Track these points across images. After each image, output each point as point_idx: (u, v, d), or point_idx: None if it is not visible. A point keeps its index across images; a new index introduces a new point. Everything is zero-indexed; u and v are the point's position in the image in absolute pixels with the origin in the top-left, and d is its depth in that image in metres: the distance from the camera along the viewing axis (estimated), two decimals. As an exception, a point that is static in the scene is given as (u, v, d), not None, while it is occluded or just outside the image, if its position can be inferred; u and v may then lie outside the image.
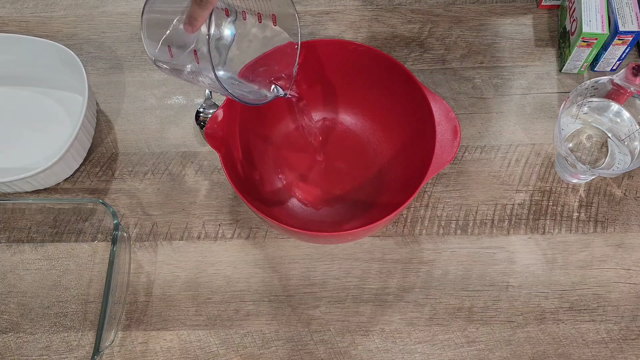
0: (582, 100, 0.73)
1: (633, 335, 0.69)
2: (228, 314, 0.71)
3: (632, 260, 0.72)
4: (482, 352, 0.68)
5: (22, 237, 0.75)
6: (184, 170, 0.78)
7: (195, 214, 0.76)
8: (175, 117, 0.82)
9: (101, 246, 0.74)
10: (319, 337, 0.69)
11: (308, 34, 0.87)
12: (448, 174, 0.77)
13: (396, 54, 0.85)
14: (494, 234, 0.74)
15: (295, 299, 0.71)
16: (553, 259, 0.72)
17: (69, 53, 0.77)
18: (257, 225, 0.75)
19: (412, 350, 0.69)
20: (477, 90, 0.82)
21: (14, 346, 0.70)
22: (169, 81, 0.84)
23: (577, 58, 0.80)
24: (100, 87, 0.84)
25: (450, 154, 0.64)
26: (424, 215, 0.75)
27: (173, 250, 0.74)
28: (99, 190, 0.77)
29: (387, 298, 0.71)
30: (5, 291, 0.72)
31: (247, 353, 0.69)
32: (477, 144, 0.79)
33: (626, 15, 0.76)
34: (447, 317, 0.70)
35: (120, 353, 0.69)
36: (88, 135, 0.78)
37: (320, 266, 0.73)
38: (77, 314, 0.71)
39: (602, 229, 0.74)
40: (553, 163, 0.78)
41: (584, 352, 0.68)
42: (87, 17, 0.90)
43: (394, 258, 0.73)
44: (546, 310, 0.70)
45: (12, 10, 0.91)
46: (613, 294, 0.71)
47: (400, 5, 0.89)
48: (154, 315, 0.71)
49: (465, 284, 0.71)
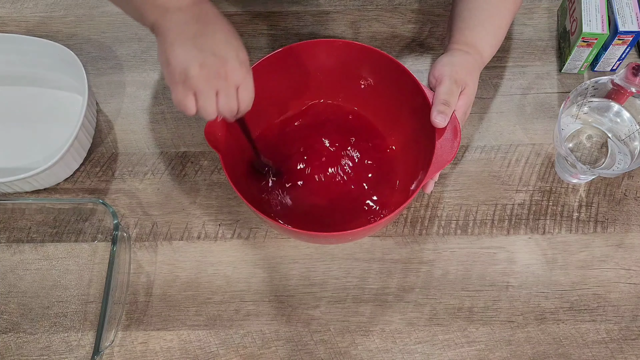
0: (582, 100, 0.73)
1: (633, 335, 0.69)
2: (228, 314, 0.71)
3: (632, 260, 0.72)
4: (482, 352, 0.68)
5: (22, 237, 0.75)
6: (184, 170, 0.78)
7: (195, 214, 0.76)
8: (175, 117, 0.82)
9: (101, 246, 0.74)
10: (319, 337, 0.69)
11: (308, 33, 0.87)
12: (448, 174, 0.77)
13: (396, 54, 0.85)
14: (494, 234, 0.74)
15: (295, 299, 0.71)
16: (553, 259, 0.72)
17: (69, 53, 0.77)
18: (257, 225, 0.75)
19: (412, 350, 0.69)
20: (477, 90, 0.82)
21: (14, 346, 0.70)
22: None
23: (577, 58, 0.80)
24: (100, 87, 0.84)
25: (450, 154, 0.64)
26: (424, 215, 0.75)
27: (173, 250, 0.74)
28: (99, 190, 0.77)
29: (387, 298, 0.71)
30: (5, 291, 0.72)
31: (247, 353, 0.69)
32: (477, 144, 0.79)
33: (626, 15, 0.76)
34: (447, 317, 0.70)
35: (120, 353, 0.69)
36: (88, 135, 0.78)
37: (320, 266, 0.73)
38: (77, 314, 0.71)
39: (602, 229, 0.74)
40: (553, 163, 0.78)
41: (584, 352, 0.68)
42: (87, 17, 0.90)
43: (394, 258, 0.73)
44: (546, 310, 0.70)
45: (12, 10, 0.91)
46: (613, 294, 0.71)
47: (400, 5, 0.89)
48: (154, 315, 0.71)
49: (465, 284, 0.71)
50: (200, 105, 0.57)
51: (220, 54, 0.56)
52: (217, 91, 0.57)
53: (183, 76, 0.56)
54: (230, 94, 0.58)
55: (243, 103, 0.59)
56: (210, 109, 0.57)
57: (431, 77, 0.68)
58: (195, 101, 0.57)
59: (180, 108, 0.58)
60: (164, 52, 0.57)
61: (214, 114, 0.58)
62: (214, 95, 0.57)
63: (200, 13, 0.58)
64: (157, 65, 0.85)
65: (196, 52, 0.56)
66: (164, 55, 0.57)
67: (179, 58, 0.56)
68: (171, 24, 0.57)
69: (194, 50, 0.56)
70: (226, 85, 0.57)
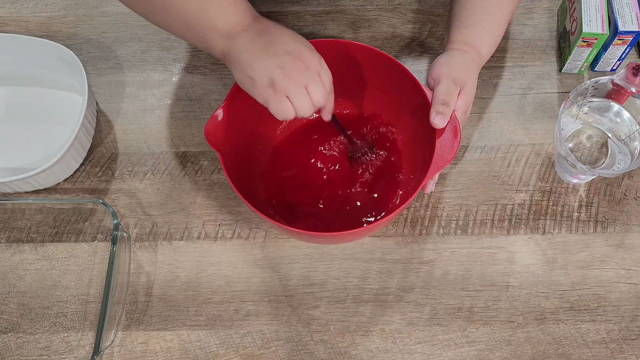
0: (582, 100, 0.73)
1: (633, 335, 0.69)
2: (228, 314, 0.71)
3: (632, 260, 0.72)
4: (482, 352, 0.68)
5: (22, 237, 0.75)
6: (184, 170, 0.78)
7: (195, 214, 0.76)
8: (175, 117, 0.82)
9: (101, 246, 0.74)
10: (319, 337, 0.69)
11: (308, 33, 0.87)
12: (448, 174, 0.77)
13: (396, 54, 0.85)
14: (494, 234, 0.74)
15: (295, 299, 0.71)
16: (553, 259, 0.72)
17: (69, 53, 0.77)
18: (257, 225, 0.75)
19: (412, 350, 0.69)
20: (477, 90, 0.82)
21: (14, 346, 0.70)
22: (168, 81, 0.84)
23: (577, 58, 0.80)
24: (100, 87, 0.84)
25: (450, 154, 0.64)
26: (424, 215, 0.75)
27: (173, 250, 0.74)
28: (99, 190, 0.77)
29: (387, 298, 0.71)
30: (5, 291, 0.72)
31: (247, 353, 0.69)
32: (477, 144, 0.79)
33: (626, 15, 0.76)
34: (447, 317, 0.70)
35: (120, 353, 0.69)
36: (88, 135, 0.78)
37: (320, 266, 0.73)
38: (77, 314, 0.71)
39: (602, 229, 0.74)
40: (553, 163, 0.78)
41: (584, 352, 0.68)
42: (87, 17, 0.90)
43: (394, 258, 0.73)
44: (546, 310, 0.70)
45: (12, 10, 0.91)
46: (613, 294, 0.71)
47: (400, 5, 0.89)
48: (154, 315, 0.71)
49: (465, 284, 0.71)
50: (297, 105, 0.59)
51: (293, 51, 0.58)
52: (305, 85, 0.58)
53: (271, 86, 0.57)
54: (318, 82, 0.59)
55: (327, 86, 0.61)
56: (306, 104, 0.59)
57: (430, 78, 0.68)
58: (291, 104, 0.59)
59: (281, 117, 0.59)
60: (244, 73, 0.59)
61: (311, 108, 0.60)
62: (305, 91, 0.59)
63: (262, 27, 0.60)
64: (157, 65, 0.85)
65: (272, 59, 0.58)
66: (245, 76, 0.59)
67: (261, 71, 0.58)
68: (241, 46, 0.59)
69: (270, 58, 0.58)
70: (311, 76, 0.59)
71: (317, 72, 0.60)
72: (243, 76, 0.59)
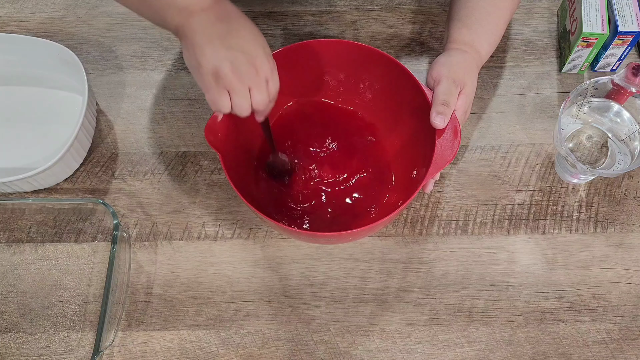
0: (582, 100, 0.73)
1: (633, 335, 0.69)
2: (228, 314, 0.71)
3: (632, 260, 0.72)
4: (482, 352, 0.68)
5: (22, 237, 0.75)
6: (184, 170, 0.78)
7: (195, 214, 0.76)
8: (175, 117, 0.82)
9: (101, 246, 0.74)
10: (319, 337, 0.69)
11: (308, 33, 0.87)
12: (448, 174, 0.77)
13: (396, 54, 0.85)
14: (494, 234, 0.74)
15: (295, 299, 0.71)
16: (553, 259, 0.72)
17: (69, 53, 0.77)
18: (257, 225, 0.75)
19: (412, 350, 0.69)
20: (477, 90, 0.82)
21: (14, 346, 0.70)
22: (169, 81, 0.84)
23: (577, 58, 0.80)
24: (100, 87, 0.84)
25: (450, 154, 0.64)
26: (424, 215, 0.75)
27: (173, 250, 0.74)
28: (99, 190, 0.77)
29: (387, 298, 0.71)
30: (5, 291, 0.72)
31: (247, 353, 0.69)
32: (477, 144, 0.79)
33: (626, 15, 0.76)
34: (447, 317, 0.70)
35: (120, 353, 0.69)
36: (88, 135, 0.78)
37: (320, 266, 0.73)
38: (77, 314, 0.71)
39: (602, 229, 0.74)
40: (553, 163, 0.78)
41: (584, 352, 0.68)
42: (87, 17, 0.90)
43: (394, 258, 0.73)
44: (546, 310, 0.70)
45: (12, 10, 0.91)
46: (613, 294, 0.71)
47: (400, 5, 0.89)
48: (154, 315, 0.71)
49: (465, 284, 0.71)
50: (236, 102, 0.58)
51: (248, 51, 0.57)
52: (250, 87, 0.58)
53: (215, 76, 0.56)
54: (262, 89, 0.59)
55: (271, 95, 0.60)
56: (245, 105, 0.58)
57: (429, 78, 0.68)
58: (229, 99, 0.58)
59: (215, 108, 0.59)
60: (192, 54, 0.57)
61: (249, 109, 0.59)
62: (248, 92, 0.58)
63: (223, 12, 0.59)
64: (157, 65, 0.85)
65: (225, 51, 0.56)
66: (194, 58, 0.57)
67: (209, 58, 0.56)
68: (196, 26, 0.57)
69: (223, 49, 0.56)
70: (258, 81, 0.58)
71: (266, 79, 0.59)
72: (191, 57, 0.58)
